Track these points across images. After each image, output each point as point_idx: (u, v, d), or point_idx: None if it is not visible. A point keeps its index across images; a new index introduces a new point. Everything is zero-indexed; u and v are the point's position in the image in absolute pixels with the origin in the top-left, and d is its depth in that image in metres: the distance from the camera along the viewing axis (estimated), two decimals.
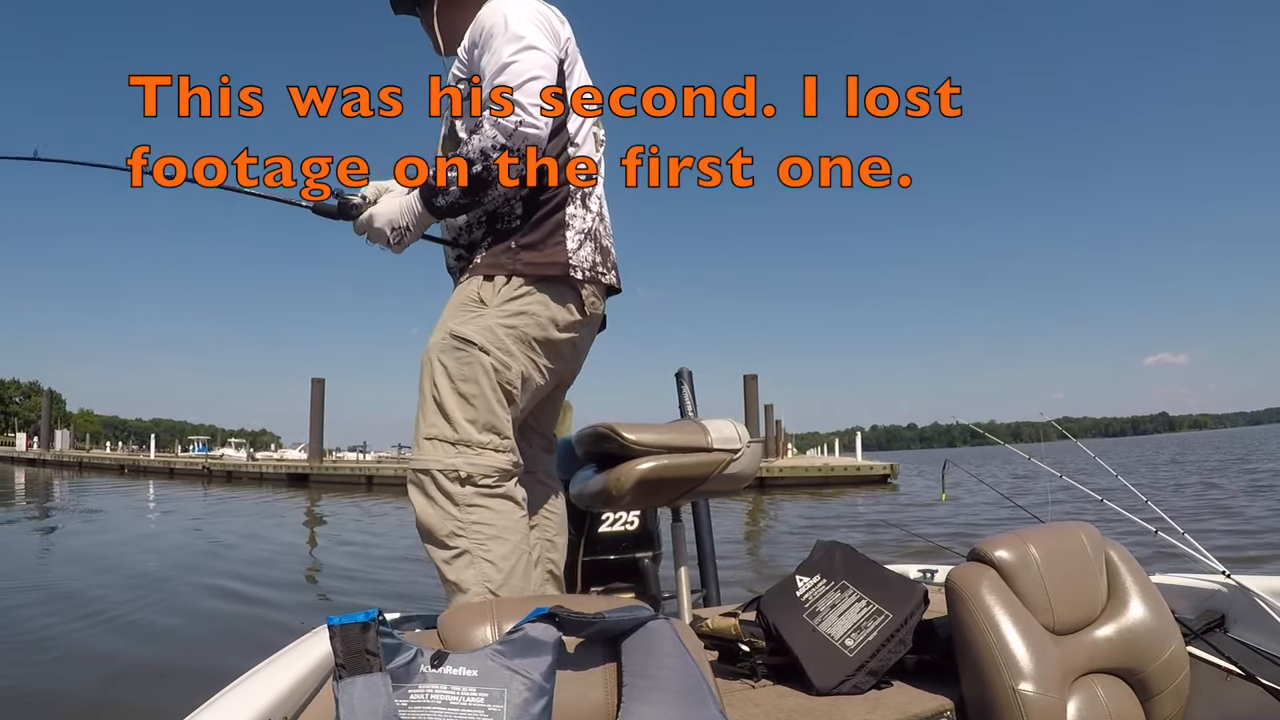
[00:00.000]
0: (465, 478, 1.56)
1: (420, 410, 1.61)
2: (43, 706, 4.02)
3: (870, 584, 1.61)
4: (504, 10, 1.62)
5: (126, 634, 5.50)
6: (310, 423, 32.16)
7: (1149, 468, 25.29)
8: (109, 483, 26.73)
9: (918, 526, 10.19)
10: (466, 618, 1.08)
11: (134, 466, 36.35)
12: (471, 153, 1.55)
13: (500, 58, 1.57)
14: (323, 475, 28.40)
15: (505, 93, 1.54)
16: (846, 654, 1.49)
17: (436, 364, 1.60)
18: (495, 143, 1.53)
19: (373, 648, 0.90)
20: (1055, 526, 1.52)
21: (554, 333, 1.70)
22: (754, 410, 31.01)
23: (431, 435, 1.57)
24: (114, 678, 4.42)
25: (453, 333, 1.61)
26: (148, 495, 22.13)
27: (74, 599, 6.55)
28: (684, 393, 2.71)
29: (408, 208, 1.66)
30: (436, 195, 1.60)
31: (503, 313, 1.64)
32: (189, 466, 35.22)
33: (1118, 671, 1.39)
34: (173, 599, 6.69)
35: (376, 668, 0.90)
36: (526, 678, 0.94)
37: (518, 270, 1.65)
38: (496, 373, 1.61)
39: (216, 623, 5.87)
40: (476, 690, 0.93)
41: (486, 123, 1.55)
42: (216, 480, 30.56)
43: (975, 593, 1.34)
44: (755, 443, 2.07)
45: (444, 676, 0.94)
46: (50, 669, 4.60)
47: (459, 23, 1.78)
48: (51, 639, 5.25)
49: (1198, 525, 8.94)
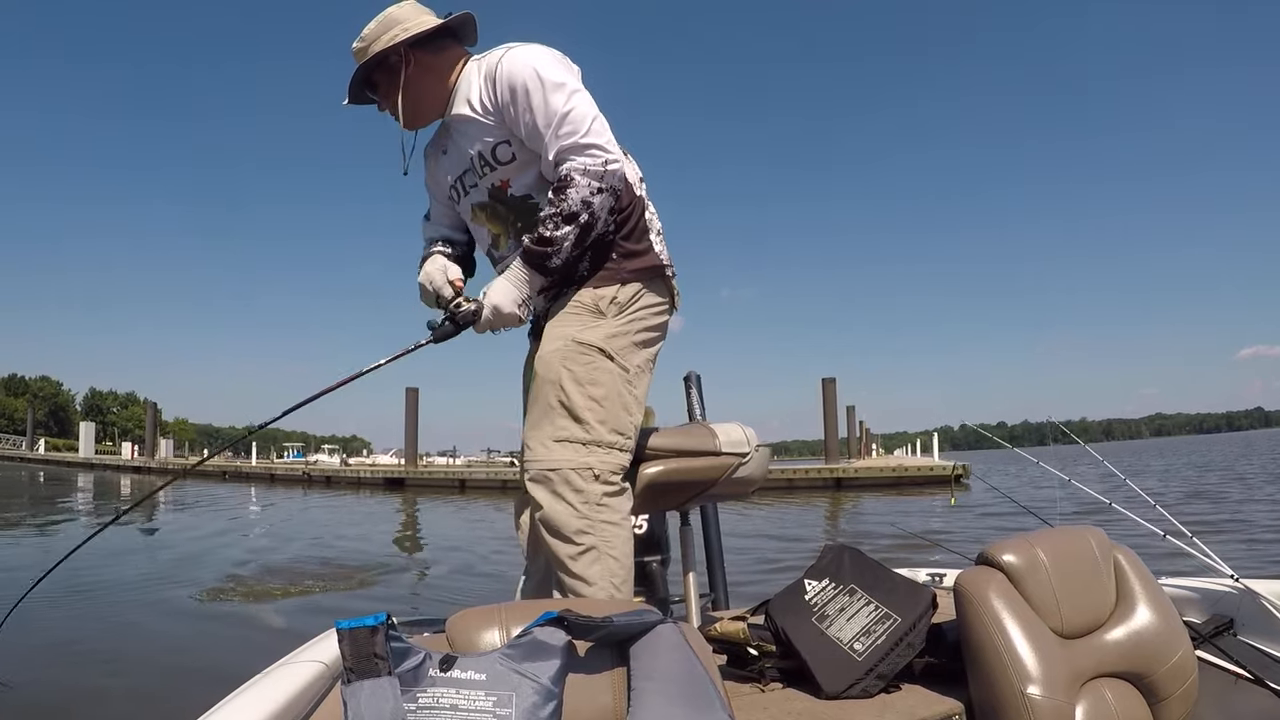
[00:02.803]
0: (597, 476, 1.61)
1: (542, 415, 1.64)
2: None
3: (878, 588, 1.61)
4: (527, 63, 1.64)
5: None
6: (405, 429, 33.15)
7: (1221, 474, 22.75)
8: (226, 489, 27.24)
9: (952, 528, 10.16)
10: (475, 621, 1.09)
11: (235, 473, 37.24)
12: (572, 206, 1.59)
13: (554, 108, 1.60)
14: (418, 479, 29.01)
15: (580, 139, 1.60)
16: (855, 658, 1.49)
17: (563, 370, 1.64)
18: (592, 188, 1.59)
19: (381, 651, 0.91)
20: (1063, 530, 1.51)
21: (657, 332, 1.80)
22: (832, 412, 31.53)
23: (562, 438, 1.61)
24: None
25: (576, 340, 1.67)
26: (274, 498, 22.71)
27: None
28: (692, 396, 2.71)
29: (520, 280, 1.68)
30: (549, 259, 1.63)
31: (619, 321, 1.71)
32: (289, 472, 36.23)
33: (1126, 675, 1.38)
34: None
35: (385, 671, 0.90)
36: (535, 681, 0.95)
37: (624, 278, 1.73)
38: (620, 377, 1.68)
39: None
40: (485, 694, 0.93)
41: (574, 173, 1.60)
42: (316, 485, 31.20)
43: (983, 596, 1.34)
44: (763, 446, 2.07)
45: (452, 680, 0.94)
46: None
47: (432, 93, 1.77)
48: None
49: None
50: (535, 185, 1.72)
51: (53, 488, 25.93)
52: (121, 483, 30.64)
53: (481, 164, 1.75)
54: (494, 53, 1.72)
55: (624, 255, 1.74)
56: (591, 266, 1.73)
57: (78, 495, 22.81)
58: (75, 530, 12.47)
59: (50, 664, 4.51)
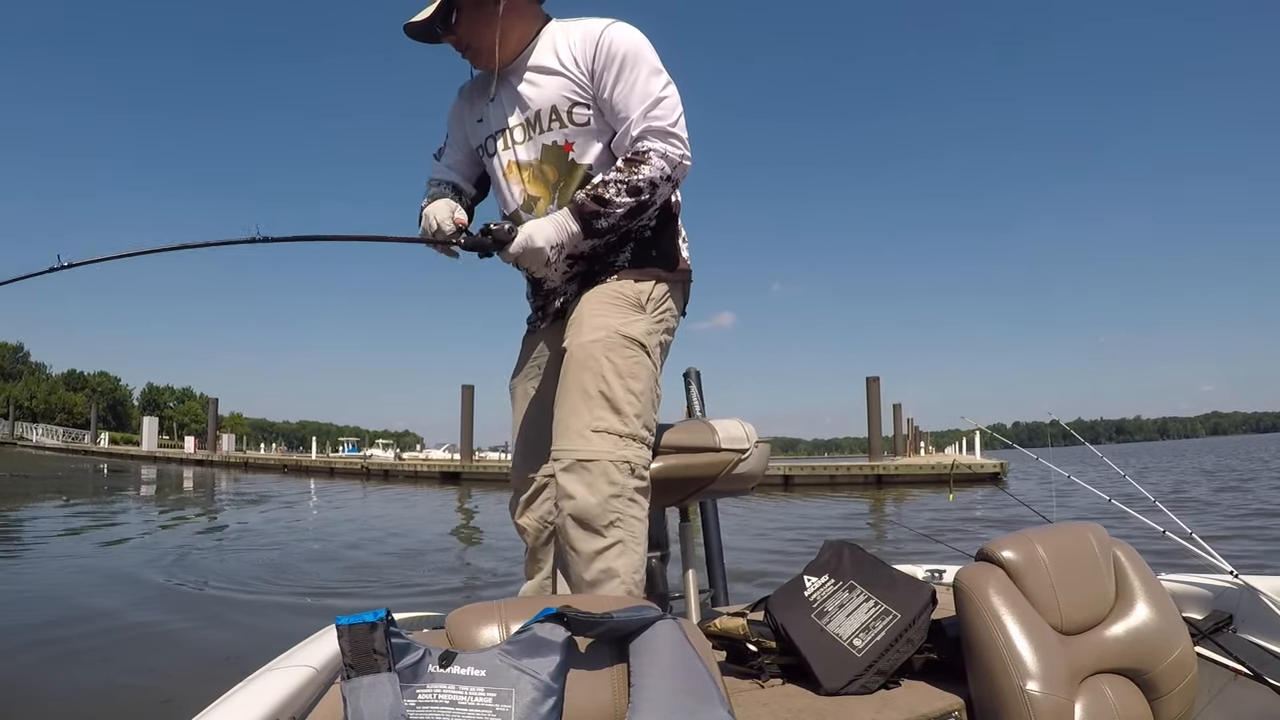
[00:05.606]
0: (632, 470, 1.61)
1: (580, 403, 1.62)
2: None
3: (878, 584, 1.61)
4: (635, 39, 1.64)
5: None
6: (461, 425, 34.38)
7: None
8: (293, 483, 27.92)
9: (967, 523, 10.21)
10: (474, 618, 1.09)
11: (295, 466, 38.57)
12: (640, 181, 1.60)
13: (651, 90, 1.62)
14: (473, 473, 29.64)
15: (667, 126, 1.62)
16: (855, 654, 1.49)
17: (604, 360, 1.62)
18: (663, 173, 1.62)
19: (380, 647, 0.90)
20: (1063, 527, 1.51)
21: (671, 336, 1.80)
22: (876, 410, 31.92)
23: (601, 428, 1.59)
24: None
25: (620, 332, 1.65)
26: (347, 492, 23.28)
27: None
28: (691, 393, 2.71)
29: (561, 226, 1.63)
30: (599, 217, 1.61)
31: (653, 319, 1.72)
32: (348, 466, 37.23)
33: (1126, 671, 1.38)
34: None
35: (384, 667, 0.90)
36: (535, 678, 0.95)
37: (660, 276, 1.74)
38: (653, 374, 1.70)
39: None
40: (484, 690, 0.93)
41: (653, 154, 1.61)
42: (374, 478, 31.93)
43: (983, 593, 1.34)
44: (763, 443, 2.07)
45: (452, 676, 0.94)
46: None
47: (517, 35, 1.73)
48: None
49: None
50: (599, 159, 1.70)
51: (162, 480, 27.18)
52: (184, 475, 31.91)
53: (552, 118, 1.70)
54: (590, 20, 1.71)
55: (663, 255, 1.76)
56: (633, 258, 1.73)
57: (185, 487, 24.18)
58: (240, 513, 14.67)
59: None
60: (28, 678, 3.99)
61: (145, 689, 3.83)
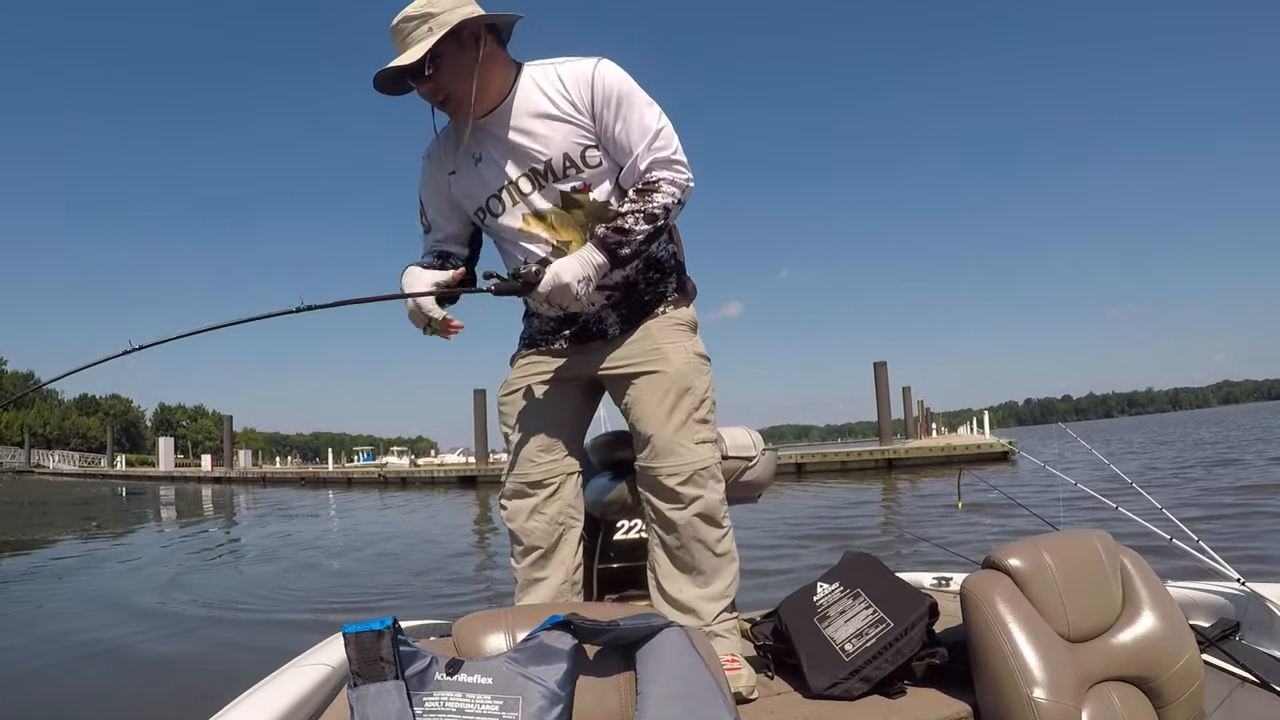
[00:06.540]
0: (721, 471, 1.83)
1: (683, 421, 1.79)
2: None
3: (880, 592, 1.63)
4: (623, 76, 1.71)
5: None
6: (475, 429, 34.44)
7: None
8: (312, 495, 28.03)
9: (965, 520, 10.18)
10: (481, 625, 1.09)
11: (313, 478, 38.72)
12: (656, 208, 1.70)
13: (649, 123, 1.70)
14: (488, 476, 29.64)
15: (670, 155, 1.72)
16: (843, 658, 1.52)
17: (696, 383, 1.81)
18: (675, 198, 1.72)
19: (387, 655, 0.91)
20: (1070, 534, 1.51)
21: None
22: (884, 395, 32.05)
23: (701, 439, 1.79)
24: None
25: (699, 354, 1.85)
26: (375, 502, 23.12)
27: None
28: None
29: (586, 261, 1.68)
30: (622, 246, 1.69)
31: (699, 337, 1.92)
32: (365, 475, 37.45)
33: (1132, 679, 1.38)
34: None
35: (391, 675, 0.91)
36: (542, 685, 0.95)
37: (690, 298, 1.92)
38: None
39: None
40: (491, 698, 0.94)
41: (663, 182, 1.71)
42: (392, 486, 32.18)
43: (989, 600, 1.34)
44: (769, 450, 2.07)
45: (459, 684, 0.94)
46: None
47: (496, 83, 1.72)
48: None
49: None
50: (613, 193, 1.77)
51: (181, 500, 27.12)
52: (203, 493, 31.83)
53: (567, 165, 1.72)
54: (571, 60, 1.72)
55: (686, 277, 1.92)
56: (678, 286, 1.89)
57: (204, 506, 24.00)
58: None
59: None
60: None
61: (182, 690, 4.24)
